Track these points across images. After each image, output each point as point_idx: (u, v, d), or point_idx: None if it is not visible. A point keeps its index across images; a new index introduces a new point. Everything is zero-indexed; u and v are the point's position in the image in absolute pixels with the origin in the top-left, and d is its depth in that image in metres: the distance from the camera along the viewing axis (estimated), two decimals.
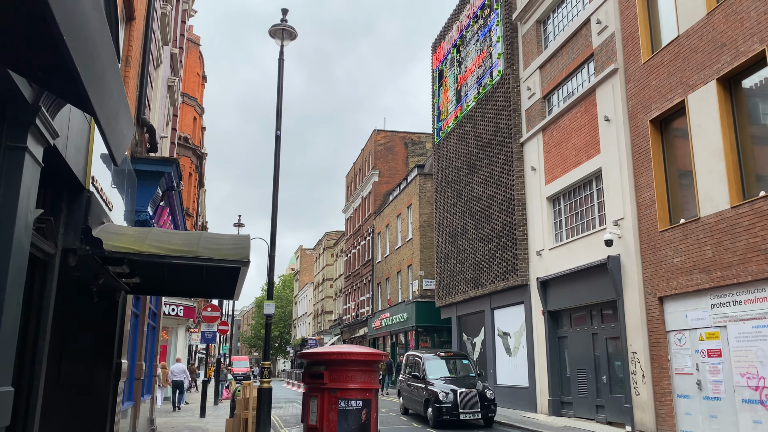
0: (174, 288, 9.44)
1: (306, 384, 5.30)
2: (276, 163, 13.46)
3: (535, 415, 17.65)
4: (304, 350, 5.42)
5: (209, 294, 9.63)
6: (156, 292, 9.58)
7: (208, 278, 9.23)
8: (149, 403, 15.20)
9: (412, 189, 32.40)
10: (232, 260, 6.46)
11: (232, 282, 9.00)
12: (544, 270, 18.09)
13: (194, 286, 9.47)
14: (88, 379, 8.86)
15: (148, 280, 9.37)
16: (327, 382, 5.02)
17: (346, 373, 5.03)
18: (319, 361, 5.17)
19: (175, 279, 9.27)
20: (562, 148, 17.55)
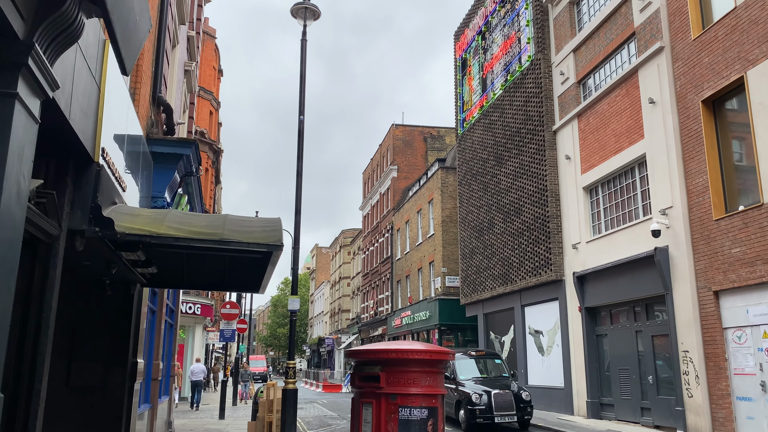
0: (194, 280, 8.61)
1: (356, 388, 4.41)
2: (300, 148, 12.66)
3: (572, 417, 16.65)
4: (353, 347, 4.52)
5: (233, 286, 8.79)
6: (174, 284, 8.76)
7: (233, 268, 8.39)
8: (167, 404, 14.45)
9: (433, 183, 31.45)
10: (263, 244, 5.59)
11: (259, 271, 8.14)
12: (580, 264, 17.08)
13: (217, 278, 8.63)
14: (100, 380, 8.06)
15: (166, 272, 8.55)
16: (384, 386, 4.13)
17: (408, 375, 4.13)
18: (373, 361, 4.27)
19: (196, 269, 8.44)
20: (600, 134, 16.53)
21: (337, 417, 18.95)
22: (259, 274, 8.39)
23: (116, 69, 6.11)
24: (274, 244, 5.63)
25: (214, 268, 8.50)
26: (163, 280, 8.59)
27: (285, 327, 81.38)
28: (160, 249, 7.59)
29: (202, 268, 8.42)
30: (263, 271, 8.07)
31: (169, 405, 14.69)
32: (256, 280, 8.73)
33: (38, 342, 4.78)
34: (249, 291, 8.80)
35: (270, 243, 5.63)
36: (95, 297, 8.22)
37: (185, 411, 21.43)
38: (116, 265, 6.84)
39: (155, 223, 5.60)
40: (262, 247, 5.61)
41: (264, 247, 5.60)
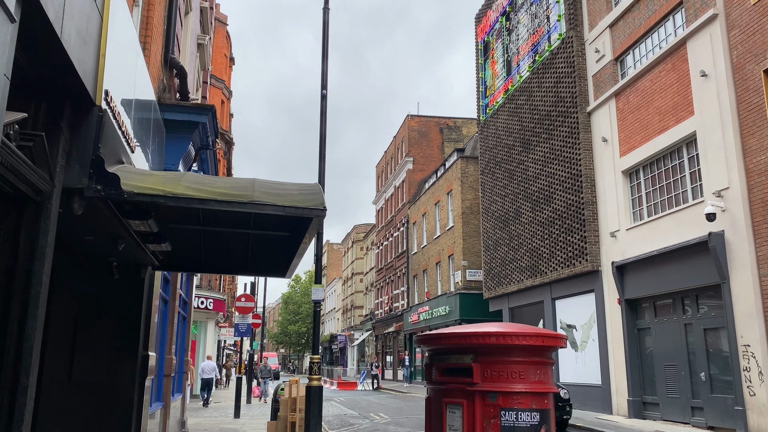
0: (213, 262, 7.59)
1: (435, 384, 3.36)
2: (322, 125, 11.68)
3: (611, 417, 15.54)
4: (427, 332, 3.45)
5: (256, 269, 7.76)
6: (191, 267, 7.74)
7: (256, 248, 7.37)
8: (180, 402, 13.48)
9: (452, 174, 30.35)
10: (302, 207, 4.56)
11: (287, 251, 7.11)
12: (620, 253, 15.94)
13: (238, 260, 7.61)
14: (107, 375, 7.06)
15: (181, 252, 7.54)
16: (479, 382, 3.08)
17: (512, 367, 3.08)
18: (461, 348, 3.21)
19: (215, 249, 7.42)
20: (642, 113, 15.38)
21: (357, 416, 17.95)
22: (287, 254, 7.36)
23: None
24: (316, 208, 4.59)
25: (236, 248, 7.48)
26: (177, 261, 7.59)
27: (296, 324, 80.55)
28: (176, 224, 6.59)
29: (221, 247, 7.41)
30: (293, 249, 7.05)
31: (182, 403, 13.74)
32: (283, 262, 7.70)
33: (24, 326, 3.77)
34: (274, 275, 7.79)
35: (311, 206, 4.59)
36: (101, 281, 7.23)
37: (197, 408, 20.51)
38: (124, 240, 5.82)
39: (171, 182, 4.57)
40: (302, 212, 4.57)
41: (304, 211, 4.56)
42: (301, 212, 4.56)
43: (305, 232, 5.35)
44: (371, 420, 16.72)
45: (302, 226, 5.42)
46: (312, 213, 4.57)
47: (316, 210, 4.57)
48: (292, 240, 7.12)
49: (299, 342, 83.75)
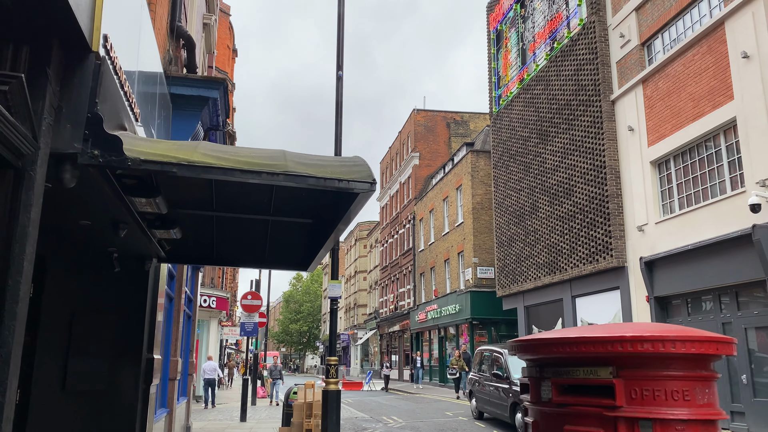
0: (227, 253, 6.73)
1: (551, 407, 2.49)
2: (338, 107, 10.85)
3: None
4: (533, 336, 2.58)
5: (275, 262, 6.89)
6: (201, 259, 6.87)
7: (276, 237, 6.51)
8: (185, 406, 12.64)
9: (462, 168, 29.47)
10: (347, 180, 3.70)
11: (312, 241, 6.26)
12: (648, 248, 15.09)
13: (255, 251, 6.75)
14: (107, 382, 6.21)
15: (190, 242, 6.68)
16: (623, 405, 2.21)
17: (670, 385, 2.22)
18: (595, 358, 2.34)
19: (229, 238, 6.56)
20: (673, 100, 14.51)
21: (370, 419, 17.09)
22: (310, 244, 6.51)
23: None
24: (363, 181, 3.72)
25: (252, 238, 6.62)
26: (186, 253, 6.73)
27: (297, 323, 79.68)
28: (185, 209, 5.73)
29: (236, 237, 6.55)
30: (318, 238, 6.20)
31: (187, 407, 12.89)
32: (305, 254, 6.85)
33: (2, 323, 2.93)
34: (294, 268, 6.93)
35: (357, 179, 3.72)
36: (100, 275, 6.37)
37: (199, 410, 19.66)
38: (127, 225, 4.96)
39: (185, 149, 3.69)
40: (346, 186, 3.70)
41: (349, 185, 3.69)
42: (344, 186, 3.69)
43: (345, 213, 4.45)
44: (385, 424, 15.87)
45: (340, 206, 4.55)
46: (358, 187, 3.70)
47: (363, 183, 3.70)
48: (316, 228, 6.26)
49: (300, 341, 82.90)
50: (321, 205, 5.80)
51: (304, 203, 5.89)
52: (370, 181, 3.71)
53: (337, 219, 4.86)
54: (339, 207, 5.00)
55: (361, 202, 4.00)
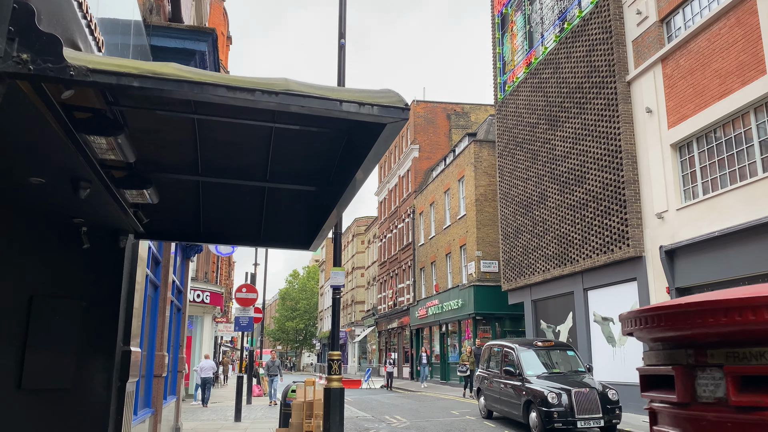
0: (215, 229, 5.76)
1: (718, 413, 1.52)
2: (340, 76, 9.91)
3: None
4: (688, 299, 1.59)
5: (272, 239, 5.92)
6: (186, 235, 5.90)
7: (273, 209, 5.56)
8: (174, 405, 11.69)
9: (464, 159, 28.55)
10: (374, 104, 2.75)
11: (316, 210, 5.32)
12: (669, 236, 14.20)
13: (248, 226, 5.80)
14: (73, 378, 5.25)
15: (172, 214, 5.72)
16: None
17: None
18: None
19: (218, 211, 5.61)
20: (696, 77, 13.61)
21: (372, 419, 16.18)
22: (314, 216, 5.56)
23: None
24: (392, 106, 2.78)
25: (245, 210, 5.66)
26: (168, 227, 5.77)
27: (293, 320, 78.66)
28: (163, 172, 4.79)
29: (226, 208, 5.59)
30: (323, 209, 5.26)
31: (177, 406, 11.94)
32: (307, 230, 5.89)
33: None
34: (294, 246, 5.97)
35: (384, 102, 2.78)
36: (65, 252, 5.41)
37: (193, 410, 18.72)
38: (89, 184, 4.00)
39: (151, 63, 2.73)
40: (372, 110, 2.75)
41: (375, 109, 2.75)
42: (367, 112, 2.73)
43: (363, 159, 3.48)
44: (388, 424, 14.96)
45: (354, 156, 3.61)
46: (385, 115, 2.75)
47: (393, 109, 2.75)
48: (319, 198, 5.31)
49: (296, 339, 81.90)
50: (327, 165, 4.85)
51: (309, 164, 4.94)
52: (402, 105, 2.76)
53: (349, 173, 3.92)
54: (352, 160, 4.05)
55: (388, 140, 3.03)
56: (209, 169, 4.94)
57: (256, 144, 4.64)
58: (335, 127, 4.24)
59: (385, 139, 2.99)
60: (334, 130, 4.29)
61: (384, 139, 2.99)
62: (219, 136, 4.54)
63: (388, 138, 2.99)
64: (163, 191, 5.23)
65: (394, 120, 2.74)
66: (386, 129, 2.88)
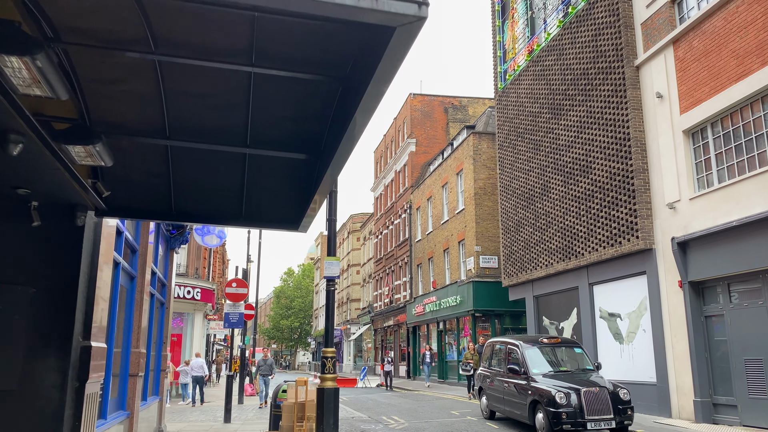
0: (189, 205, 4.97)
1: None
2: None
3: (674, 421, 13.10)
4: None
5: (253, 218, 5.15)
6: (155, 212, 5.11)
7: (258, 182, 4.78)
8: (156, 407, 10.90)
9: (463, 152, 27.81)
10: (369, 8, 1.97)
11: (306, 184, 4.56)
12: (681, 227, 13.49)
13: (228, 203, 5.02)
14: (19, 379, 4.48)
15: (138, 187, 4.95)
16: None
17: None
18: None
19: (192, 184, 4.84)
20: (711, 59, 12.89)
21: (368, 419, 15.43)
22: (306, 192, 4.81)
23: None
24: None
25: (224, 183, 4.88)
26: (134, 203, 4.99)
27: (288, 319, 77.83)
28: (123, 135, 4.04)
29: (202, 179, 4.81)
30: (313, 180, 4.53)
31: (159, 407, 11.15)
32: (296, 207, 5.12)
33: None
34: (282, 227, 5.20)
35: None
36: (12, 232, 4.65)
37: (181, 410, 17.93)
38: (21, 136, 3.23)
39: None
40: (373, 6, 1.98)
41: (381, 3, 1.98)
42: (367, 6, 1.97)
43: (371, 77, 2.67)
44: (386, 425, 14.21)
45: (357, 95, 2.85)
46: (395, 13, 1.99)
47: (407, 3, 1.98)
48: (310, 168, 4.55)
49: (291, 337, 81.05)
50: (319, 128, 4.08)
51: (297, 127, 4.15)
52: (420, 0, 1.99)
53: (346, 120, 3.16)
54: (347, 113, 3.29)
55: (397, 55, 2.25)
56: (179, 131, 4.17)
57: (233, 99, 3.88)
58: (328, 73, 3.49)
59: (393, 53, 2.22)
60: (327, 77, 3.54)
61: (392, 53, 2.22)
62: (188, 86, 3.78)
63: (397, 53, 2.21)
64: (126, 159, 4.46)
65: (409, 19, 1.97)
66: (396, 36, 2.11)
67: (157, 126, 4.10)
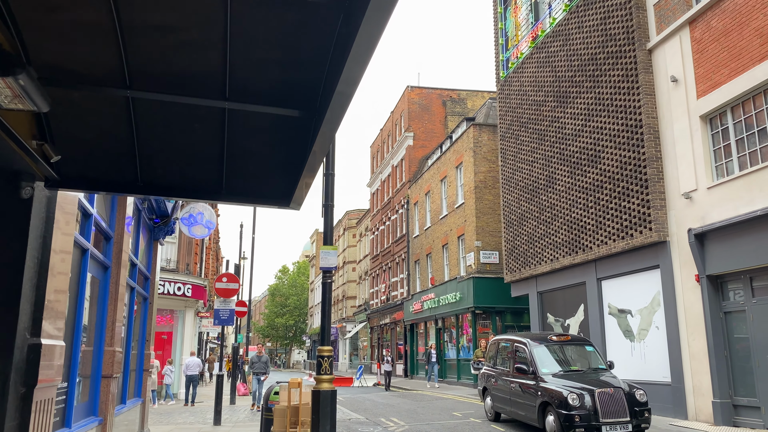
0: (157, 174, 4.14)
1: None
2: None
3: (691, 423, 12.36)
4: None
5: (236, 191, 4.30)
6: (116, 183, 4.25)
7: (240, 145, 3.96)
8: (139, 409, 10.08)
9: (463, 144, 27.02)
10: None
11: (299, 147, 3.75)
12: (698, 218, 12.74)
13: (205, 171, 4.20)
14: None
15: (96, 150, 4.13)
16: None
17: None
18: None
19: (160, 148, 4.02)
20: (732, 39, 12.13)
21: (366, 421, 14.65)
22: (300, 159, 3.99)
23: None
24: None
25: (199, 147, 4.07)
26: (92, 172, 4.17)
27: (283, 317, 76.99)
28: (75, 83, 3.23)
29: (172, 141, 4.00)
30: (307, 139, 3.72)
31: (142, 410, 10.33)
32: (286, 178, 4.31)
33: None
34: (269, 202, 4.37)
35: None
36: None
37: (170, 411, 17.10)
38: None
39: None
40: None
41: None
42: None
43: None
44: (384, 428, 13.44)
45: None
46: None
47: None
48: (306, 125, 3.74)
49: (286, 335, 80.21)
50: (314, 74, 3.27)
51: (288, 74, 3.33)
52: None
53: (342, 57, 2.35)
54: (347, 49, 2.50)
55: None
56: (142, 77, 3.35)
57: (206, 35, 3.06)
58: None
59: None
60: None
61: None
62: (149, 16, 2.96)
63: None
64: (79, 116, 3.65)
65: None
66: None
67: (113, 71, 3.27)
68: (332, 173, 8.29)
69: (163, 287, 22.61)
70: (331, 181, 8.30)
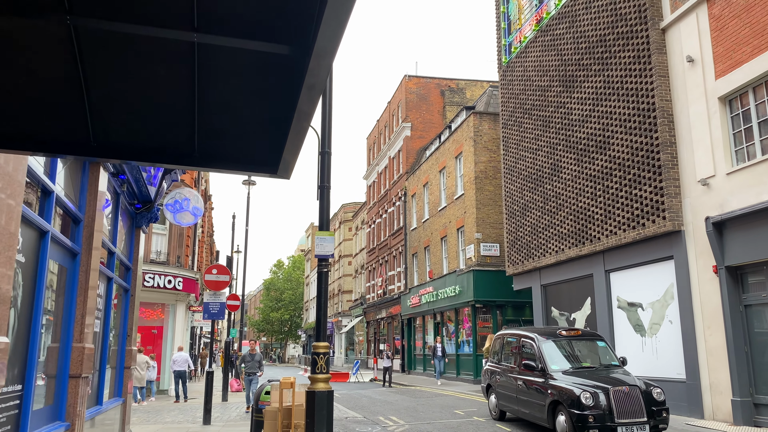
0: (113, 128, 3.36)
1: None
2: None
3: (709, 423, 11.68)
4: None
5: (211, 155, 3.52)
6: (63, 145, 3.45)
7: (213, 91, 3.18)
8: (119, 410, 9.31)
9: (462, 134, 26.25)
10: None
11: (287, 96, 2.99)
12: (716, 206, 12.03)
13: (172, 128, 3.42)
14: None
15: (32, 100, 3.33)
16: None
17: None
18: None
19: (115, 94, 3.22)
20: (755, 14, 11.39)
21: (364, 420, 13.93)
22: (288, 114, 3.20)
23: None
24: None
25: (164, 95, 3.29)
26: (36, 129, 3.38)
27: (278, 311, 76.24)
28: None
29: (128, 89, 3.21)
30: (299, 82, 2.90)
31: (123, 411, 9.56)
32: (272, 139, 3.53)
33: None
34: (252, 168, 3.58)
35: None
36: None
37: (159, 409, 16.34)
38: None
39: None
40: None
41: None
42: None
43: None
44: (383, 427, 12.72)
45: None
46: None
47: None
48: (296, 66, 2.95)
49: (282, 330, 79.49)
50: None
51: None
52: None
53: None
54: None
55: None
56: None
57: None
58: None
59: None
60: None
61: None
62: None
63: None
64: (12, 54, 2.87)
65: None
66: None
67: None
68: (328, 151, 7.53)
69: (152, 280, 21.83)
70: (327, 160, 7.54)
